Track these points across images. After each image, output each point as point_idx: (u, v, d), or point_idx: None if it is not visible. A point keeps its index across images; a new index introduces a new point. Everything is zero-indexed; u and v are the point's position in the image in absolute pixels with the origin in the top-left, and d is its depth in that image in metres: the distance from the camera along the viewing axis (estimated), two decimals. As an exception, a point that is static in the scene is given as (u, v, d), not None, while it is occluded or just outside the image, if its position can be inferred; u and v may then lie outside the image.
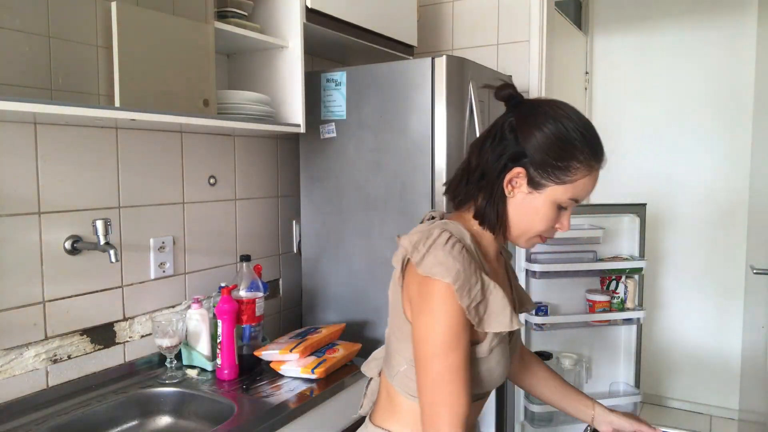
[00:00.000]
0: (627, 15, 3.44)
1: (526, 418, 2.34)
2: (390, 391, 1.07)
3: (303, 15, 1.72)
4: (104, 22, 1.23)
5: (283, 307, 2.13)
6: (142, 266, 1.60)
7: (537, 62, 2.43)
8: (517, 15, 2.45)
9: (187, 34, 1.42)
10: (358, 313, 1.91)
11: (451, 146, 1.73)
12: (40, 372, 1.36)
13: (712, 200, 3.25)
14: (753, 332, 2.97)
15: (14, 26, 1.09)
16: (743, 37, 3.14)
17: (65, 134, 1.39)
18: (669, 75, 3.34)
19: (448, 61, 1.70)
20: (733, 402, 3.21)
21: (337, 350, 1.63)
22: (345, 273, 1.93)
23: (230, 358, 1.52)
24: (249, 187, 1.96)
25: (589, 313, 2.29)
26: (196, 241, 1.75)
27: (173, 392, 1.47)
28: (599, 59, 3.53)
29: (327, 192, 1.95)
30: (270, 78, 1.79)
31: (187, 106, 1.43)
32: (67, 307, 1.41)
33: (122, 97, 1.25)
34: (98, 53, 1.23)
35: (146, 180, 1.60)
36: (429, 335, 0.91)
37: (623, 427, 1.18)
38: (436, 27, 2.63)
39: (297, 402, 1.40)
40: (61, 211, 1.39)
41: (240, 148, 1.91)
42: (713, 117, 3.25)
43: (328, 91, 1.90)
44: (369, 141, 1.84)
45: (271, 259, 2.06)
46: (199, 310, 1.59)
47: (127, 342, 1.56)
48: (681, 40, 3.30)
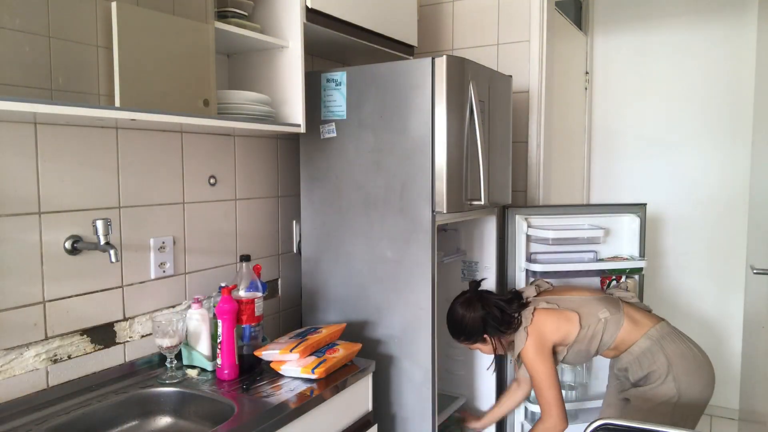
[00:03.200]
0: (627, 15, 3.44)
1: (526, 418, 2.34)
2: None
3: (303, 15, 1.72)
4: (104, 22, 1.23)
5: (283, 307, 2.13)
6: (142, 266, 1.60)
7: (537, 62, 2.43)
8: (517, 15, 2.46)
9: (187, 34, 1.42)
10: (358, 313, 1.91)
11: (451, 146, 1.73)
12: (41, 372, 1.36)
13: (712, 200, 3.25)
14: (753, 332, 2.97)
15: (14, 26, 1.09)
16: (743, 37, 3.14)
17: (65, 134, 1.39)
18: (669, 75, 3.34)
19: (448, 61, 1.70)
20: (733, 402, 3.21)
21: (337, 350, 1.63)
22: (345, 273, 1.93)
23: (230, 358, 1.52)
24: (249, 187, 1.96)
25: (589, 313, 2.29)
26: (196, 241, 1.75)
27: (173, 392, 1.47)
28: (599, 59, 3.53)
29: (327, 192, 1.95)
30: (270, 78, 1.79)
31: (187, 106, 1.43)
32: (67, 307, 1.41)
33: (122, 97, 1.25)
34: (98, 53, 1.23)
35: (146, 180, 1.60)
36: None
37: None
38: (436, 27, 2.63)
39: (297, 402, 1.40)
40: (61, 211, 1.39)
41: (240, 148, 1.91)
42: (713, 117, 3.25)
43: (328, 91, 1.90)
44: (369, 141, 1.84)
45: (271, 259, 2.06)
46: (199, 310, 1.59)
47: (127, 342, 1.56)
48: (681, 39, 3.30)
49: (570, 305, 1.87)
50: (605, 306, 1.86)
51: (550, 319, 1.85)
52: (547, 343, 1.83)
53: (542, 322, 1.84)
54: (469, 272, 2.29)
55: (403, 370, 1.84)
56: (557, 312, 1.87)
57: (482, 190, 1.86)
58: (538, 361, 1.81)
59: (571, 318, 1.84)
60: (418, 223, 1.77)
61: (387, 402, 1.88)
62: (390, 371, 1.86)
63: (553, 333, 1.84)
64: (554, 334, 1.83)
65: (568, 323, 1.84)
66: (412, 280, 1.80)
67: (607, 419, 1.31)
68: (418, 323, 1.80)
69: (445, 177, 1.72)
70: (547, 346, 1.83)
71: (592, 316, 1.84)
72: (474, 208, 1.87)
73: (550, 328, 1.84)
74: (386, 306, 1.86)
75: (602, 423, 1.29)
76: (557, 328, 1.84)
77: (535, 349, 1.82)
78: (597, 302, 1.89)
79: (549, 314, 1.86)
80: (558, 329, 1.83)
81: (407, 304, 1.81)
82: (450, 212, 1.76)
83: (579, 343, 1.84)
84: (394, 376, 1.86)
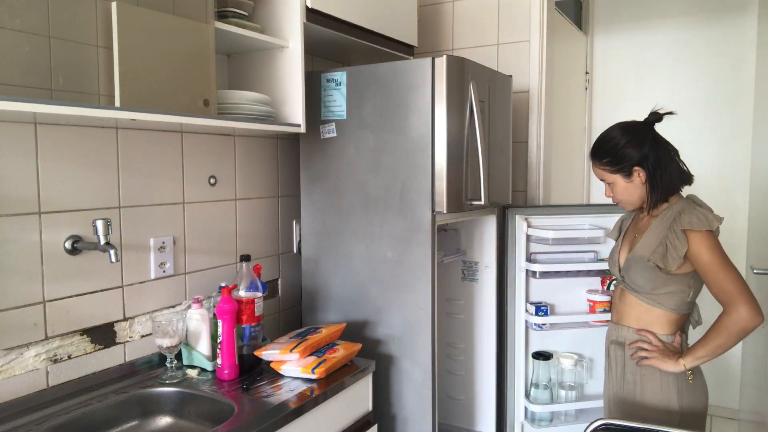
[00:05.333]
0: (627, 15, 3.44)
1: (526, 418, 2.34)
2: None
3: (303, 15, 1.72)
4: (104, 22, 1.23)
5: (283, 307, 2.13)
6: (142, 266, 1.60)
7: (537, 62, 2.43)
8: (517, 15, 2.46)
9: (187, 34, 1.42)
10: (358, 313, 1.91)
11: (451, 146, 1.73)
12: (41, 372, 1.36)
13: (712, 200, 3.22)
14: (753, 332, 2.97)
15: (14, 26, 1.09)
16: (743, 37, 3.14)
17: (65, 134, 1.39)
18: (669, 75, 3.34)
19: (448, 61, 1.70)
20: (733, 402, 3.21)
21: (337, 350, 1.63)
22: (345, 273, 1.93)
23: (230, 358, 1.52)
24: (249, 187, 1.96)
25: (589, 313, 2.29)
26: (196, 241, 1.75)
27: (173, 392, 1.47)
28: (599, 59, 3.53)
29: (327, 192, 1.95)
30: (270, 78, 1.79)
31: (187, 106, 1.43)
32: (67, 307, 1.41)
33: (122, 97, 1.25)
34: (98, 53, 1.23)
35: (146, 180, 1.60)
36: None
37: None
38: (436, 27, 2.63)
39: (297, 402, 1.40)
40: (61, 211, 1.39)
41: (240, 148, 1.91)
42: (713, 116, 3.25)
43: (328, 91, 1.90)
44: (369, 141, 1.84)
45: (271, 259, 2.06)
46: (199, 310, 1.59)
47: (127, 342, 1.56)
48: (681, 39, 3.30)
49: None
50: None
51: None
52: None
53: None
54: (469, 272, 2.29)
55: (403, 370, 1.84)
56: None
57: (482, 190, 1.86)
58: (719, 246, 1.50)
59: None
60: (418, 223, 1.77)
61: (387, 402, 1.88)
62: (390, 371, 1.86)
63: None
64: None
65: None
66: (412, 280, 1.80)
67: (607, 419, 1.31)
68: (418, 323, 1.80)
69: (445, 177, 1.72)
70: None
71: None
72: (474, 208, 1.87)
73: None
74: (386, 306, 1.86)
75: (602, 423, 1.29)
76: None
77: (713, 236, 1.51)
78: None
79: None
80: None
81: (407, 304, 1.81)
82: (450, 212, 1.76)
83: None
84: (394, 376, 1.86)
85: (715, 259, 1.50)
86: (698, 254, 1.51)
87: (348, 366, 1.65)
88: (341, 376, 1.57)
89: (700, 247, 1.51)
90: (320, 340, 1.63)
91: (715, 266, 1.50)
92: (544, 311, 2.27)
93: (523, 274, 2.28)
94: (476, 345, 2.28)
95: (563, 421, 2.36)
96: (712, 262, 1.50)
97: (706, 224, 1.51)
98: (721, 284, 1.50)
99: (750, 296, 1.48)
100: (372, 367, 1.70)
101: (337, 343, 1.69)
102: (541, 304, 2.29)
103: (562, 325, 2.31)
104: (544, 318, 2.25)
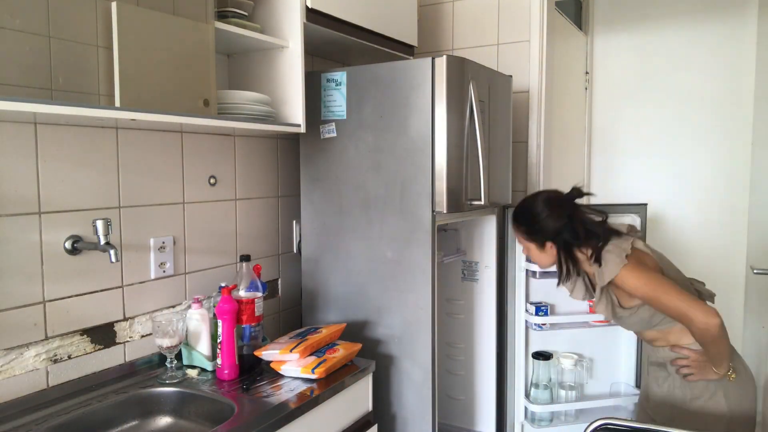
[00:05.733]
0: (627, 15, 3.44)
1: (526, 418, 2.34)
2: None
3: (303, 15, 1.72)
4: (104, 22, 1.23)
5: (283, 307, 2.13)
6: (142, 266, 1.60)
7: (537, 62, 2.43)
8: (517, 15, 2.45)
9: (187, 34, 1.42)
10: (358, 313, 1.91)
11: (451, 146, 1.73)
12: (41, 372, 1.36)
13: (713, 200, 3.24)
14: (753, 332, 2.97)
15: (14, 26, 1.09)
16: (743, 37, 3.14)
17: (65, 134, 1.39)
18: (669, 74, 3.34)
19: (448, 61, 1.70)
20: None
21: (337, 350, 1.63)
22: (345, 273, 1.93)
23: (230, 358, 1.52)
24: (249, 187, 1.96)
25: (589, 313, 2.29)
26: (196, 241, 1.75)
27: (173, 392, 1.47)
28: (599, 59, 3.53)
29: (327, 192, 1.95)
30: (270, 78, 1.79)
31: (187, 106, 1.43)
32: (67, 307, 1.41)
33: (122, 97, 1.25)
34: (98, 53, 1.23)
35: (146, 180, 1.60)
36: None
37: None
38: (436, 27, 2.63)
39: (297, 402, 1.40)
40: (61, 211, 1.39)
41: (240, 148, 1.91)
42: (713, 116, 3.24)
43: (328, 91, 1.90)
44: (369, 141, 1.84)
45: (271, 259, 2.06)
46: (199, 310, 1.59)
47: (127, 342, 1.56)
48: (681, 39, 3.29)
49: (664, 262, 1.68)
50: (687, 286, 1.66)
51: (649, 258, 1.63)
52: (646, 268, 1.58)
53: (642, 256, 1.62)
54: (469, 272, 2.29)
55: (403, 370, 1.84)
56: (655, 257, 1.64)
57: (482, 190, 1.86)
58: (643, 274, 1.54)
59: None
60: (418, 223, 1.77)
61: (387, 402, 1.88)
62: (390, 371, 1.86)
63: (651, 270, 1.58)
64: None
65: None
66: (412, 280, 1.80)
67: (607, 419, 1.31)
68: (418, 323, 1.80)
69: (445, 177, 1.72)
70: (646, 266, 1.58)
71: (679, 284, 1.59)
72: (474, 208, 1.87)
73: (649, 265, 1.60)
74: (386, 306, 1.86)
75: (602, 423, 1.29)
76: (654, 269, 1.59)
77: (633, 266, 1.55)
78: (684, 278, 1.69)
79: (648, 256, 1.64)
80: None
81: (407, 304, 1.81)
82: (450, 212, 1.76)
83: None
84: (394, 376, 1.86)
85: (648, 287, 1.54)
86: (633, 290, 1.57)
87: (348, 366, 1.65)
88: (341, 376, 1.57)
89: (630, 282, 1.56)
90: (320, 340, 1.63)
91: (652, 293, 1.54)
92: (544, 311, 2.27)
93: (523, 274, 2.28)
94: (476, 345, 2.28)
95: (563, 421, 2.36)
96: (647, 291, 1.55)
97: (621, 259, 1.57)
98: (668, 306, 1.54)
99: (695, 303, 1.51)
100: (372, 367, 1.70)
101: (337, 343, 1.69)
102: (541, 304, 2.29)
103: (562, 325, 2.31)
104: (544, 318, 2.25)
